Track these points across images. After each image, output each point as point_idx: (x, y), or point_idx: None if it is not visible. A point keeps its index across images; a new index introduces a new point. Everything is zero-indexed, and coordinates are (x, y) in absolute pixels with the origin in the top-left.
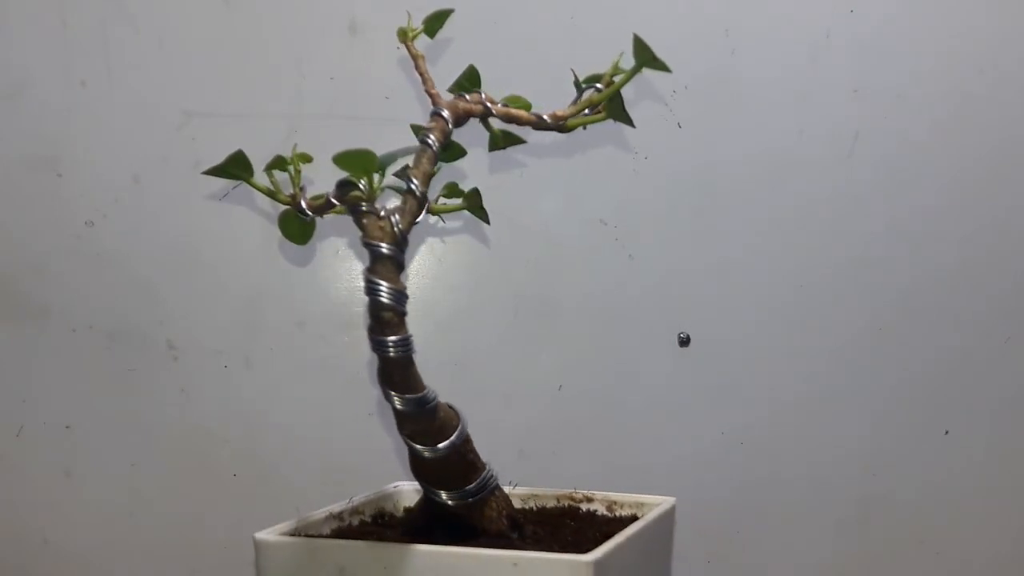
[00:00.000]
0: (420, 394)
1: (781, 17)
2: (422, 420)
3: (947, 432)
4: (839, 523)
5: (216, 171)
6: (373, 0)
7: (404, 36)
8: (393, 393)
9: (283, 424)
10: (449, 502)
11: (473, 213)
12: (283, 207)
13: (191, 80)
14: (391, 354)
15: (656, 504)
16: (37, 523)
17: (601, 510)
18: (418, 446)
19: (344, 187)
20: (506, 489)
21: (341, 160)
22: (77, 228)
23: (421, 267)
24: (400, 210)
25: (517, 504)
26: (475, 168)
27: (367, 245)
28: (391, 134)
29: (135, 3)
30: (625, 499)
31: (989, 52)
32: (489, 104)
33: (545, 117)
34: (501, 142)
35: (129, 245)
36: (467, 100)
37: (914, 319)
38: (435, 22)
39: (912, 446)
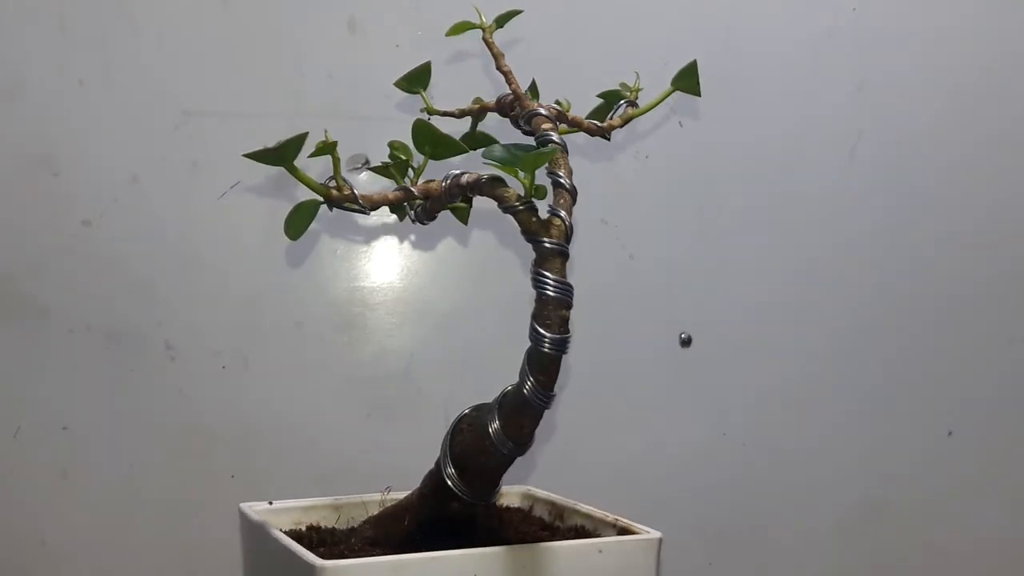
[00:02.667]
0: (553, 393)
1: (781, 17)
2: (537, 419)
3: (950, 433)
4: (839, 524)
5: (266, 155)
6: None
7: (481, 30)
8: (532, 381)
9: (282, 424)
10: (481, 503)
11: (454, 213)
12: (311, 198)
13: (190, 79)
14: (546, 349)
15: (518, 493)
16: (34, 524)
17: None
18: (507, 442)
19: (490, 184)
20: (380, 496)
21: (524, 162)
22: (75, 228)
23: (421, 267)
24: (562, 206)
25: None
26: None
27: (534, 241)
28: (391, 133)
29: (134, 2)
30: None
31: (991, 51)
32: (559, 107)
33: (601, 125)
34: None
35: (127, 245)
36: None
37: (914, 319)
38: (503, 20)
39: (913, 446)
